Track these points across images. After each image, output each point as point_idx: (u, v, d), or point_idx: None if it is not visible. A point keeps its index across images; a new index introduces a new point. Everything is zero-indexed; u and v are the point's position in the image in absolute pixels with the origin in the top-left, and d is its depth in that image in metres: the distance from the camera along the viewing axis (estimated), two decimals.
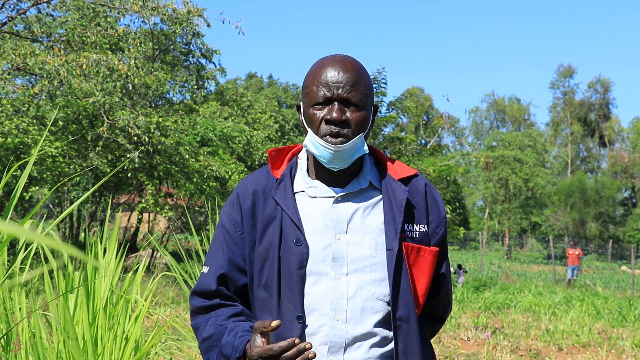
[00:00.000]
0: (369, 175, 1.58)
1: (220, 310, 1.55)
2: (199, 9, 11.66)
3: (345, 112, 1.49)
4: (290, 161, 1.62)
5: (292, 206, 1.53)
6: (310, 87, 1.52)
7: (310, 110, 1.52)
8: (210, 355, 1.52)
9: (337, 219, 1.52)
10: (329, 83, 1.49)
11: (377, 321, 1.51)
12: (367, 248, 1.52)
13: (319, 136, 1.50)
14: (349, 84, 1.49)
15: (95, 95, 10.64)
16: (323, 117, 1.50)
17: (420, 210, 1.59)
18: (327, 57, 1.55)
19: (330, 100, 1.50)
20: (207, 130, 14.53)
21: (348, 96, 1.49)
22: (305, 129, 1.56)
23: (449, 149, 34.89)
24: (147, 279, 8.35)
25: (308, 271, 1.49)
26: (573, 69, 60.07)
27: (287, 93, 42.27)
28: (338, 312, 1.48)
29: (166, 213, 12.72)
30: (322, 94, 1.49)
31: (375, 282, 1.51)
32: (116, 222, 2.94)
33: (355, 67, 1.53)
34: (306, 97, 1.54)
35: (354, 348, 1.48)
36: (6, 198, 14.45)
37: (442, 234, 1.63)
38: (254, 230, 1.55)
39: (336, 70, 1.50)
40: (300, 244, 1.49)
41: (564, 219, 39.39)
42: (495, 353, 6.58)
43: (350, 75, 1.50)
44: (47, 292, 2.66)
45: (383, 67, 14.20)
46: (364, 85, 1.52)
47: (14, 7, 10.23)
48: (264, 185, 1.59)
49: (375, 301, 1.50)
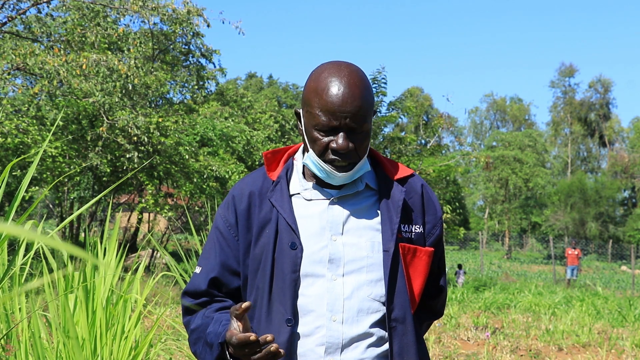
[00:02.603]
0: (366, 177, 1.57)
1: (210, 305, 1.56)
2: (198, 9, 11.66)
3: (350, 140, 1.45)
4: (286, 162, 1.61)
5: (288, 209, 1.52)
6: (314, 108, 1.45)
7: (314, 132, 1.46)
8: (197, 348, 1.52)
9: (333, 220, 1.52)
10: (336, 112, 1.42)
11: (374, 322, 1.51)
12: (364, 249, 1.51)
13: (323, 161, 1.46)
14: (357, 114, 1.43)
15: (95, 95, 10.64)
16: (328, 143, 1.45)
17: (417, 211, 1.59)
18: (332, 73, 1.45)
19: (336, 129, 1.44)
20: (207, 130, 14.53)
21: (355, 126, 1.43)
22: (304, 139, 1.52)
23: (448, 149, 34.86)
24: (147, 279, 8.35)
25: (304, 273, 1.49)
26: (575, 68, 60.08)
27: (287, 93, 42.27)
28: (334, 313, 1.48)
29: (166, 213, 12.72)
30: (327, 121, 1.43)
31: (372, 283, 1.51)
32: (116, 222, 2.94)
33: (362, 91, 1.44)
34: (308, 115, 1.47)
35: (351, 349, 1.48)
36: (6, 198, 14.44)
37: (438, 234, 1.62)
38: (249, 232, 1.55)
39: (344, 96, 1.42)
40: (295, 247, 1.49)
41: (564, 219, 39.38)
42: (495, 353, 6.57)
43: (357, 103, 1.42)
44: (47, 292, 2.66)
45: (383, 67, 14.20)
46: (369, 109, 1.46)
47: (14, 7, 10.23)
48: (259, 187, 1.58)
49: (372, 302, 1.50)
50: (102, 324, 2.56)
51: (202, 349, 1.50)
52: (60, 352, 2.50)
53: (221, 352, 1.43)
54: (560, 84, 60.73)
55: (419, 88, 57.88)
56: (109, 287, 2.73)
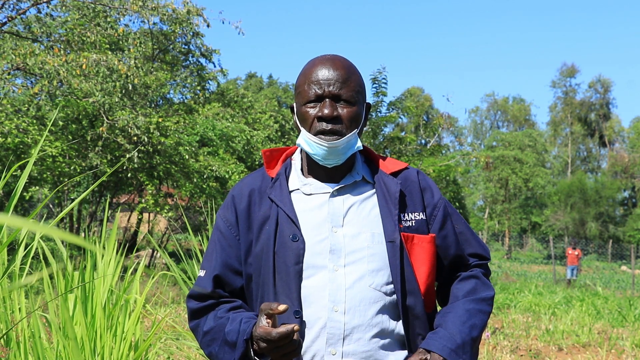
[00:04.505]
0: (362, 170, 1.61)
1: (219, 306, 1.56)
2: (198, 9, 11.67)
3: (336, 108, 1.51)
4: (284, 162, 1.65)
5: (288, 203, 1.55)
6: (302, 86, 1.55)
7: (303, 108, 1.54)
8: (212, 349, 1.52)
9: (334, 212, 1.54)
10: (320, 81, 1.51)
11: (376, 312, 1.51)
12: (364, 240, 1.53)
13: (312, 134, 1.52)
14: (339, 81, 1.51)
15: (95, 95, 10.64)
16: (315, 115, 1.52)
17: (415, 199, 1.61)
18: (318, 57, 1.58)
19: (322, 98, 1.52)
20: (207, 130, 14.53)
21: (339, 92, 1.51)
22: (299, 129, 1.58)
23: (449, 149, 34.88)
24: (147, 279, 8.35)
25: (305, 265, 1.50)
26: (576, 68, 60.09)
27: (287, 93, 42.28)
28: (336, 304, 1.49)
29: (166, 213, 12.72)
30: (314, 92, 1.52)
31: (373, 273, 1.52)
32: (115, 222, 2.94)
33: (345, 64, 1.55)
34: (298, 96, 1.57)
35: (354, 339, 1.49)
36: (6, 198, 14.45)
37: (441, 216, 1.63)
38: (249, 231, 1.57)
39: (326, 68, 1.53)
40: (297, 239, 1.51)
41: (564, 219, 39.39)
42: (495, 353, 6.57)
43: (340, 72, 1.52)
44: (47, 292, 2.65)
45: (383, 67, 14.17)
46: (354, 82, 1.54)
47: (14, 7, 10.23)
48: (259, 185, 1.61)
49: (374, 291, 1.51)
50: (101, 324, 2.56)
51: (219, 349, 1.49)
52: (60, 352, 2.50)
53: (245, 349, 1.44)
54: (561, 84, 60.75)
55: (419, 88, 57.88)
56: (108, 287, 2.72)
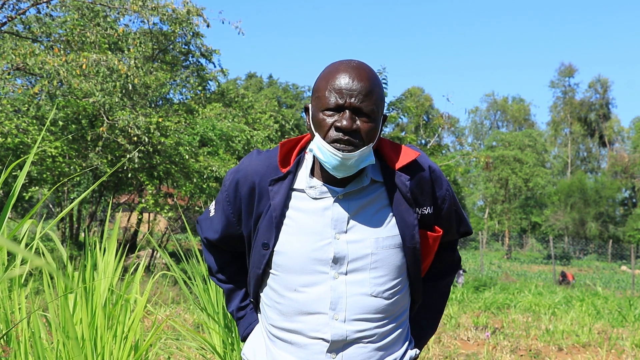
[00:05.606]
0: (371, 171, 1.56)
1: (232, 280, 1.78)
2: (198, 9, 11.65)
3: (355, 121, 1.45)
4: (298, 154, 1.59)
5: (280, 208, 1.53)
6: (322, 91, 1.48)
7: (320, 115, 1.47)
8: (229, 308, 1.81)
9: (337, 218, 1.51)
10: (342, 90, 1.44)
11: (377, 319, 1.51)
12: (368, 246, 1.51)
13: (327, 142, 1.46)
14: (362, 93, 1.45)
15: (95, 95, 10.63)
16: (333, 124, 1.45)
17: (426, 194, 1.58)
18: (342, 62, 1.50)
19: (342, 108, 1.45)
20: (207, 130, 14.53)
21: (360, 105, 1.45)
22: (312, 132, 1.52)
23: (449, 149, 34.86)
24: (147, 279, 8.35)
25: (308, 270, 1.50)
26: (574, 68, 60.10)
27: (287, 93, 42.27)
28: (337, 312, 1.48)
29: (166, 213, 12.71)
30: (334, 100, 1.45)
31: (376, 280, 1.51)
32: (116, 222, 2.93)
33: (370, 76, 1.48)
34: (316, 100, 1.49)
35: (353, 347, 1.49)
36: (6, 198, 14.44)
37: (447, 206, 1.63)
38: (249, 216, 1.60)
39: (350, 77, 1.45)
40: (267, 248, 1.54)
41: (564, 219, 39.39)
42: (495, 353, 6.57)
43: (364, 84, 1.45)
44: (47, 292, 2.65)
45: (384, 67, 14.19)
46: (376, 95, 1.48)
47: (14, 7, 10.23)
48: (265, 175, 1.57)
49: (375, 299, 1.50)
50: (101, 324, 2.56)
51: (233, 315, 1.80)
52: (60, 352, 2.49)
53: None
54: (560, 84, 60.76)
55: (419, 88, 57.82)
56: (108, 287, 2.72)
